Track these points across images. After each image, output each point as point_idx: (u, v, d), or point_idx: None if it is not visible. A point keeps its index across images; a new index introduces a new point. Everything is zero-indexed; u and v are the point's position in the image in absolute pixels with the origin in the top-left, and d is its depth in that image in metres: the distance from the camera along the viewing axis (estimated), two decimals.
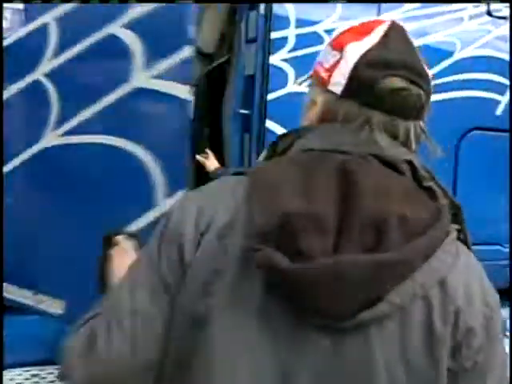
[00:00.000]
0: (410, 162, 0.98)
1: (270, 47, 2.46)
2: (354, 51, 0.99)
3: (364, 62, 0.98)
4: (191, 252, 0.94)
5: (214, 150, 2.84)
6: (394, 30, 1.02)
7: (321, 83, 1.03)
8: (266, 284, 0.88)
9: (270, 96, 2.46)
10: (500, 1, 2.63)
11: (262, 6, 2.44)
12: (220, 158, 2.78)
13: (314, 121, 1.04)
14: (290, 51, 2.47)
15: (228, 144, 2.68)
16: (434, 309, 0.90)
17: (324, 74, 1.02)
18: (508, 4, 2.58)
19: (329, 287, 0.83)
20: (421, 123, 1.02)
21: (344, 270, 0.83)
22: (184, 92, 2.15)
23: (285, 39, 2.47)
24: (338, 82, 1.00)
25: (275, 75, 2.45)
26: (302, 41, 2.47)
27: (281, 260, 0.84)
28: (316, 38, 2.47)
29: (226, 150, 2.69)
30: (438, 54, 2.70)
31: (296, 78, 2.44)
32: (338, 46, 1.02)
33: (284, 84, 2.46)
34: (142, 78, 2.18)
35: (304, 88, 2.58)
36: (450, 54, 2.73)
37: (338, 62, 1.01)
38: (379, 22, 1.03)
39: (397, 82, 0.97)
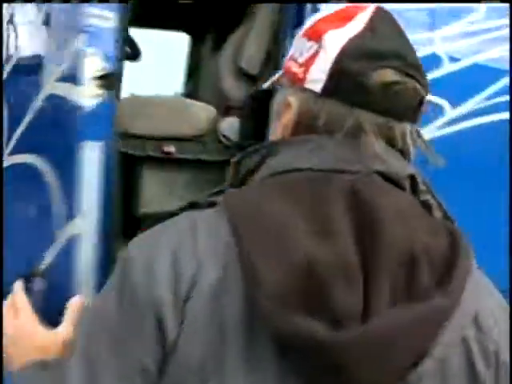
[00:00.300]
0: (411, 176, 0.85)
1: None
2: (335, 40, 0.84)
3: (348, 52, 0.83)
4: (174, 328, 0.73)
5: None
6: (381, 16, 0.87)
7: (295, 81, 0.88)
8: (281, 348, 0.72)
9: None
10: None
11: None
12: None
13: (289, 127, 0.88)
14: None
15: None
16: (474, 351, 0.79)
17: (298, 70, 0.87)
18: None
19: (369, 357, 0.70)
20: (416, 127, 0.87)
21: (381, 336, 0.70)
22: (82, 95, 1.80)
23: None
24: (318, 77, 0.84)
25: None
26: None
27: (316, 328, 0.69)
28: None
29: None
30: (494, 72, 2.56)
31: None
32: (315, 35, 0.87)
33: None
34: (50, 81, 1.93)
35: None
36: (507, 71, 2.60)
37: (315, 54, 0.86)
38: (361, 7, 0.88)
39: (390, 75, 0.83)
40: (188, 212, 0.83)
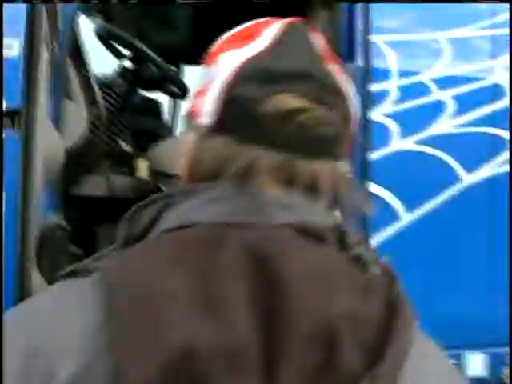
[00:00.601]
0: (336, 227, 0.69)
1: (370, 101, 2.21)
2: (230, 62, 0.70)
3: (242, 75, 0.69)
4: None
5: None
6: (292, 32, 0.72)
7: (192, 117, 0.74)
8: None
9: (373, 155, 2.20)
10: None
11: (360, 58, 2.24)
12: None
13: (182, 175, 0.75)
14: (392, 105, 2.23)
15: None
16: None
17: (194, 103, 0.73)
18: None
19: None
20: (339, 165, 0.71)
21: None
22: None
23: (386, 92, 2.24)
24: (209, 110, 0.70)
25: (377, 131, 2.21)
26: (406, 92, 2.22)
27: None
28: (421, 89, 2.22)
29: None
30: None
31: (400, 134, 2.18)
32: (213, 59, 0.73)
33: (388, 141, 2.22)
34: None
35: (413, 145, 2.28)
36: None
37: (210, 81, 0.71)
38: (271, 22, 0.73)
39: (291, 101, 0.67)
40: (62, 282, 0.69)
